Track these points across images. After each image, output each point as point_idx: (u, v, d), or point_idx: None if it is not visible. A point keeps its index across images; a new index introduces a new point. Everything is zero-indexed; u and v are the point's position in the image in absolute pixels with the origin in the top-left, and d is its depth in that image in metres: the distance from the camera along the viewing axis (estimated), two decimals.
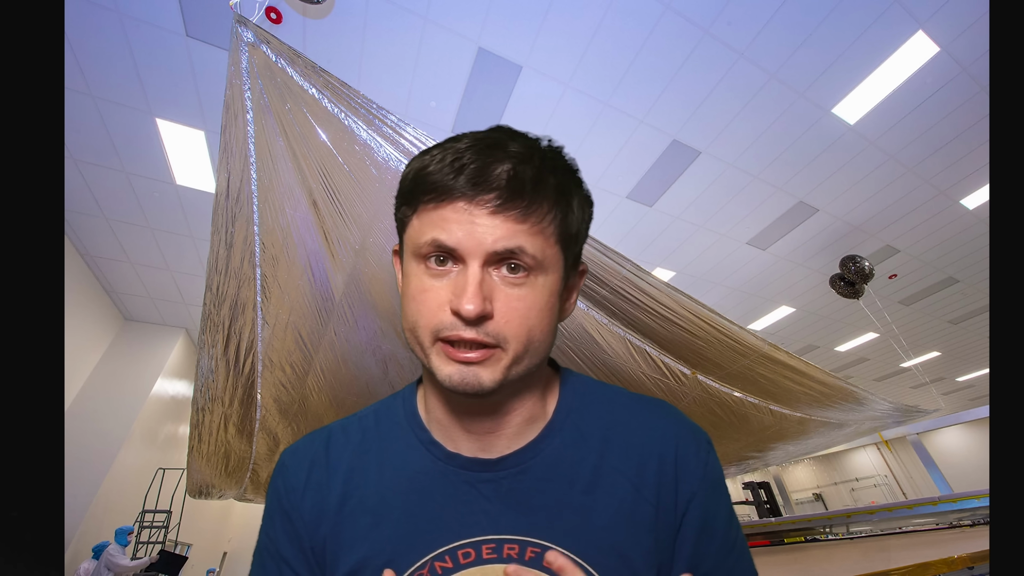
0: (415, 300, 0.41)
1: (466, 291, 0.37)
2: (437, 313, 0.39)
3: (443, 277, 0.40)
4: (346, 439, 0.49)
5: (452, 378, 0.39)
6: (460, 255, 0.39)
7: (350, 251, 1.42)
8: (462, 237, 0.39)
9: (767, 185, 4.07)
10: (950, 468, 9.42)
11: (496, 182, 0.39)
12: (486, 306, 0.38)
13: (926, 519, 2.75)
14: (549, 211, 0.41)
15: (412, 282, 0.42)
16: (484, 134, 0.42)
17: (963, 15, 2.80)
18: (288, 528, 0.46)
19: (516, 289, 0.40)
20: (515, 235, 0.39)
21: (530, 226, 0.40)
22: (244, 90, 1.13)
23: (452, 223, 0.39)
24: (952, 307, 6.38)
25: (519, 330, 0.39)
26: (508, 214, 0.39)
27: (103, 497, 4.49)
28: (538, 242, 0.40)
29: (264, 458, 2.45)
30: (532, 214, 0.40)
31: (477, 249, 0.38)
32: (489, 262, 0.39)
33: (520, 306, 0.40)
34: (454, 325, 0.38)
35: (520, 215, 0.39)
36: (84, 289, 4.44)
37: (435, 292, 0.40)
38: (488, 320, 0.39)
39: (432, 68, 2.92)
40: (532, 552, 0.42)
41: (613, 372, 1.80)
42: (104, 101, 2.88)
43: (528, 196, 0.39)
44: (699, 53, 2.94)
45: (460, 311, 0.37)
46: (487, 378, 0.39)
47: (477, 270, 0.38)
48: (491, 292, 0.39)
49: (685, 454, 0.47)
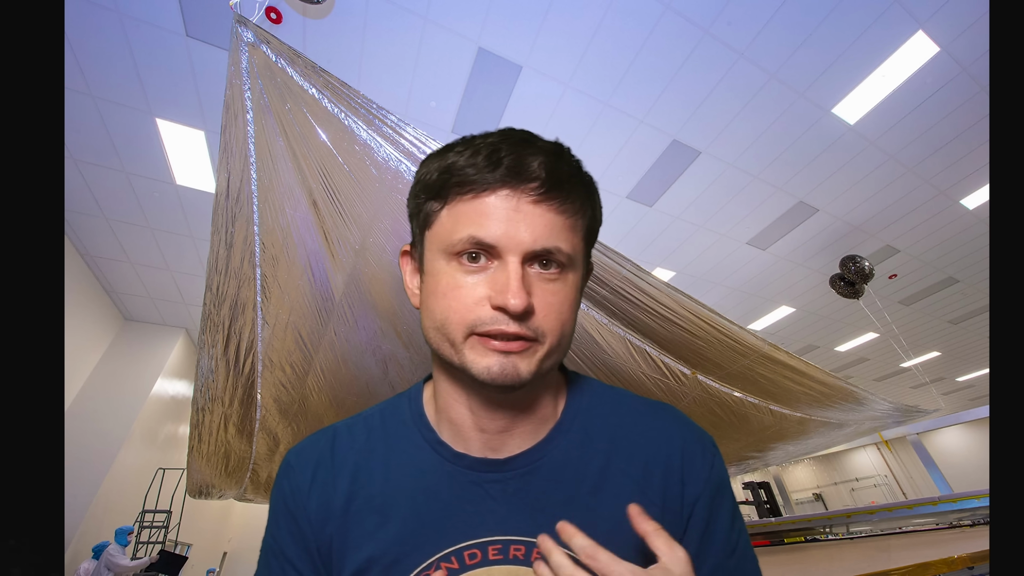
0: (447, 297, 0.40)
1: (509, 286, 0.38)
2: (474, 309, 0.39)
3: (478, 273, 0.40)
4: (351, 439, 0.49)
5: (491, 369, 0.39)
6: (499, 251, 0.39)
7: (350, 251, 1.42)
8: (501, 235, 0.39)
9: (767, 185, 4.07)
10: (950, 468, 9.41)
11: (536, 172, 0.39)
12: (530, 301, 0.38)
13: (926, 519, 2.75)
14: (582, 206, 0.42)
15: (442, 280, 0.41)
16: (505, 131, 0.42)
17: (963, 15, 2.80)
18: (293, 529, 0.46)
19: (551, 284, 0.41)
20: (551, 231, 0.40)
21: (566, 218, 0.41)
22: (244, 90, 1.13)
23: (492, 217, 0.39)
24: (952, 307, 6.38)
25: (555, 324, 0.40)
26: (550, 204, 0.40)
27: (103, 497, 4.49)
28: (571, 239, 0.41)
29: (264, 458, 2.45)
30: (568, 207, 0.41)
31: (517, 247, 0.39)
32: (527, 258, 0.40)
33: (555, 301, 0.40)
34: (495, 319, 0.38)
35: (559, 206, 0.40)
36: (84, 289, 4.44)
37: (470, 288, 0.40)
38: (531, 315, 0.39)
39: (432, 68, 2.92)
40: (538, 553, 0.42)
41: (613, 372, 1.80)
42: (104, 101, 2.88)
43: (566, 188, 0.40)
44: (699, 53, 2.94)
45: (507, 306, 0.37)
46: (525, 369, 0.39)
47: (518, 266, 0.39)
48: (530, 287, 0.39)
49: (691, 458, 0.47)
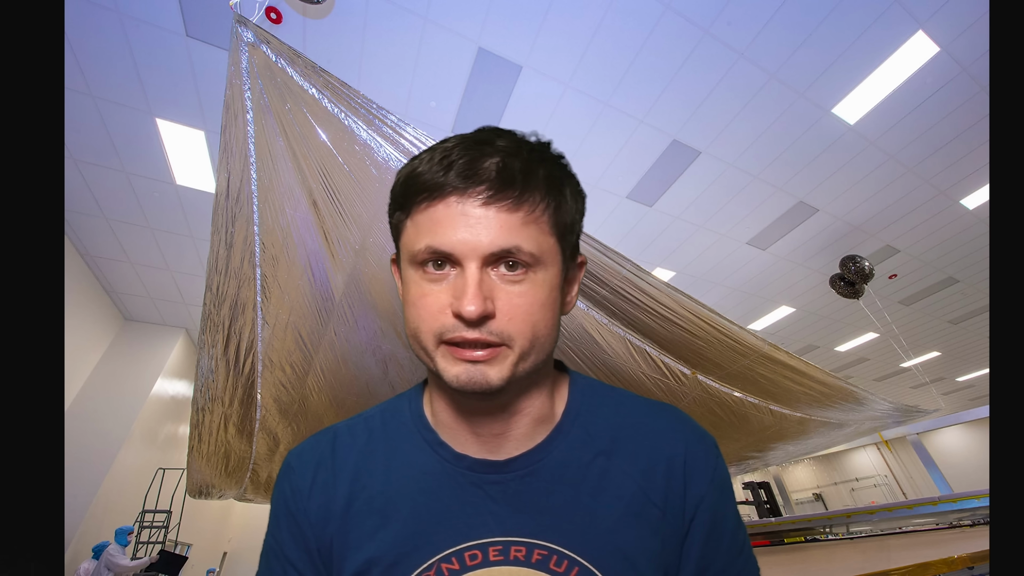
0: (415, 306, 0.41)
1: (466, 293, 0.37)
2: (438, 317, 0.39)
3: (441, 281, 0.40)
4: (352, 440, 0.49)
5: (460, 378, 0.39)
6: (456, 258, 0.39)
7: (350, 251, 1.42)
8: (456, 242, 0.38)
9: (767, 185, 4.07)
10: (950, 468, 9.42)
11: (486, 174, 0.39)
12: (487, 306, 0.38)
13: (926, 519, 2.75)
14: (541, 200, 0.41)
15: (411, 288, 0.41)
16: (471, 134, 0.42)
17: (963, 15, 2.80)
18: (294, 530, 0.46)
19: (516, 286, 0.40)
20: (509, 232, 0.39)
21: (523, 215, 0.40)
22: (244, 90, 1.13)
23: (445, 225, 0.39)
24: (952, 307, 6.38)
25: (523, 327, 0.39)
26: (500, 205, 0.39)
27: (103, 497, 4.49)
28: (533, 234, 0.40)
29: (264, 458, 2.45)
30: (524, 203, 0.40)
31: (473, 252, 0.38)
32: (487, 262, 0.39)
33: (522, 303, 0.39)
34: (456, 327, 0.38)
35: (512, 205, 0.39)
36: (84, 289, 4.44)
37: (435, 296, 0.40)
38: (491, 319, 0.38)
39: (432, 68, 2.92)
40: (539, 554, 0.42)
41: (613, 372, 1.80)
42: (104, 101, 2.88)
43: (519, 186, 0.39)
44: (699, 53, 2.94)
45: (462, 313, 0.37)
46: (495, 376, 0.39)
47: (475, 271, 0.38)
48: (491, 291, 0.39)
49: (694, 459, 0.47)
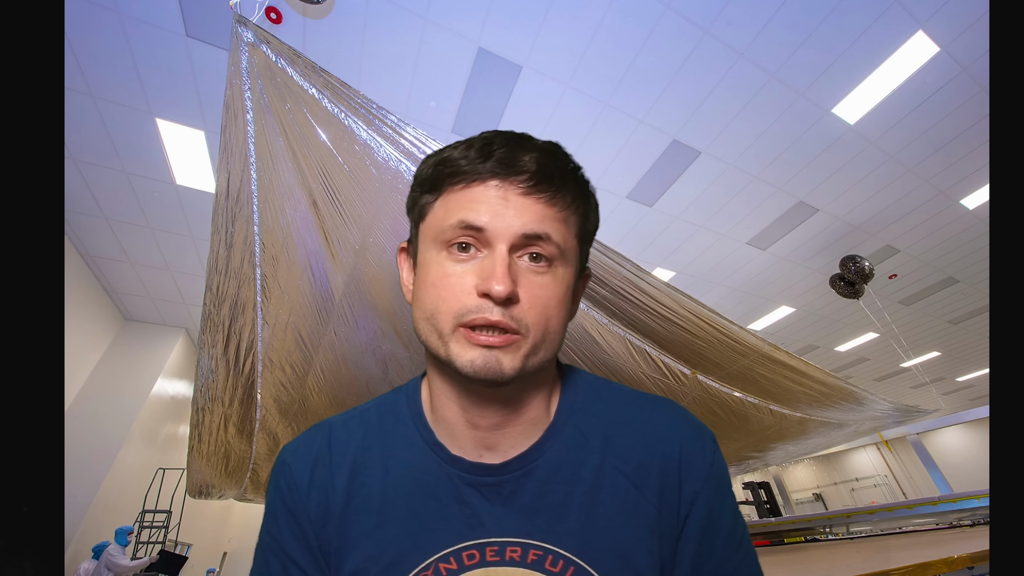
0: (436, 287, 0.41)
1: (495, 272, 0.38)
2: (461, 298, 0.39)
3: (467, 263, 0.40)
4: (348, 435, 0.49)
5: (475, 363, 0.39)
6: (488, 238, 0.40)
7: (350, 251, 1.42)
8: (490, 219, 0.39)
9: (767, 185, 4.07)
10: (950, 468, 9.42)
11: (526, 166, 0.40)
12: (515, 288, 0.38)
13: (926, 519, 2.76)
14: (573, 202, 0.43)
15: (432, 269, 0.42)
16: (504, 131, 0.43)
17: (963, 15, 2.80)
18: (294, 527, 0.46)
19: (539, 277, 0.41)
20: (543, 220, 0.40)
21: (557, 211, 0.42)
22: (244, 90, 1.13)
23: (482, 203, 0.40)
24: (952, 307, 6.38)
25: (540, 318, 0.40)
26: (539, 196, 0.41)
27: (103, 497, 4.49)
28: (562, 230, 0.42)
29: (264, 458, 2.45)
30: (558, 200, 0.42)
31: (506, 231, 0.39)
32: (516, 247, 0.40)
33: (542, 294, 0.40)
34: (480, 308, 0.38)
35: (549, 199, 0.41)
36: (84, 289, 4.44)
37: (459, 278, 0.40)
38: (514, 304, 0.39)
39: (432, 68, 2.92)
40: (534, 555, 0.42)
41: (613, 372, 1.80)
42: (104, 101, 2.88)
43: (557, 183, 0.41)
44: (699, 53, 2.94)
45: (490, 292, 0.37)
46: (508, 364, 0.39)
47: (505, 253, 0.39)
48: (516, 276, 0.39)
49: (690, 453, 0.46)
